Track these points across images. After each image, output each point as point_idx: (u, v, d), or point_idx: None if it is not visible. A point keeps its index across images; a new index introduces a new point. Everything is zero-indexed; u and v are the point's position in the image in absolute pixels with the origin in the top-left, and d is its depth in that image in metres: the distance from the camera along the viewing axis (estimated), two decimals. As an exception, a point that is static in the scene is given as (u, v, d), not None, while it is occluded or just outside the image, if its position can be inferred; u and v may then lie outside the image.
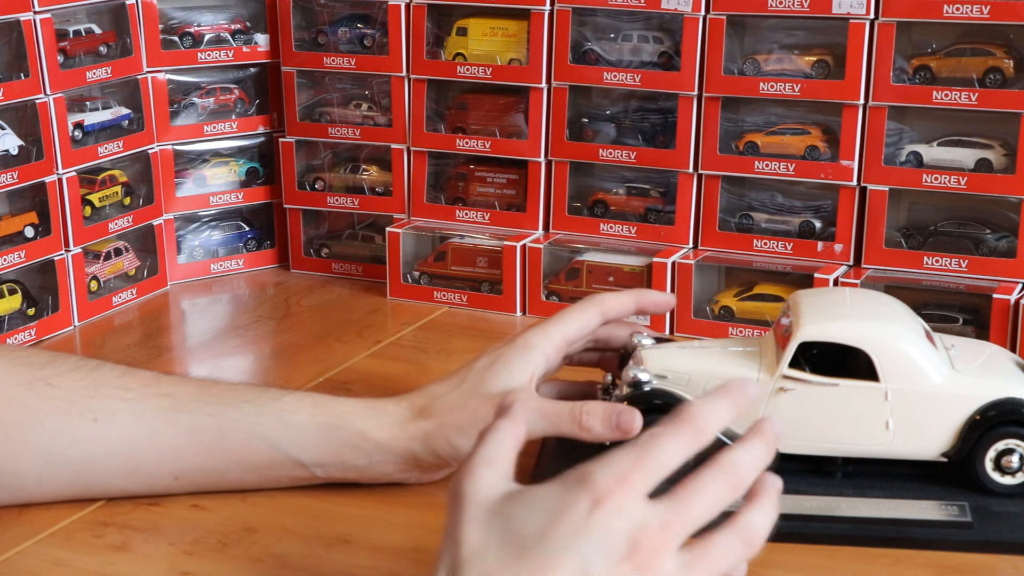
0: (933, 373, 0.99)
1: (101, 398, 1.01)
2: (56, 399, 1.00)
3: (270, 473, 1.03)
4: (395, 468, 1.03)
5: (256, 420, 1.01)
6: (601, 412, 0.97)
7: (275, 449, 1.02)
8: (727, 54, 1.43)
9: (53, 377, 1.01)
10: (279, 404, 1.03)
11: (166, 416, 1.01)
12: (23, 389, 1.00)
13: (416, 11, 1.56)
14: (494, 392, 1.01)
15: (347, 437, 1.02)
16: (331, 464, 1.02)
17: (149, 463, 1.01)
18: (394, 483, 1.04)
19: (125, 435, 1.00)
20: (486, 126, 1.57)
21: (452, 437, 1.00)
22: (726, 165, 1.45)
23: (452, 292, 1.55)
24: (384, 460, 1.02)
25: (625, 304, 1.11)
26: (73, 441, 1.00)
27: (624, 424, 0.97)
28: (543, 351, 1.04)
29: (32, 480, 1.01)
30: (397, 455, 1.02)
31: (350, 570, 0.94)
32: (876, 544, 0.96)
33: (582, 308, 1.08)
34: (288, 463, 1.02)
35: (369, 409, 1.03)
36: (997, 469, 0.99)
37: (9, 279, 1.43)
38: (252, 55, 1.66)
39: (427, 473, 1.04)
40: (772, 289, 1.43)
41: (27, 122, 1.44)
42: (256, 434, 1.01)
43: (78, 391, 1.01)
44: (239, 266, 1.68)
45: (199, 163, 1.66)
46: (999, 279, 1.35)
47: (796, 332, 1.00)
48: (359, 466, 1.02)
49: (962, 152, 1.37)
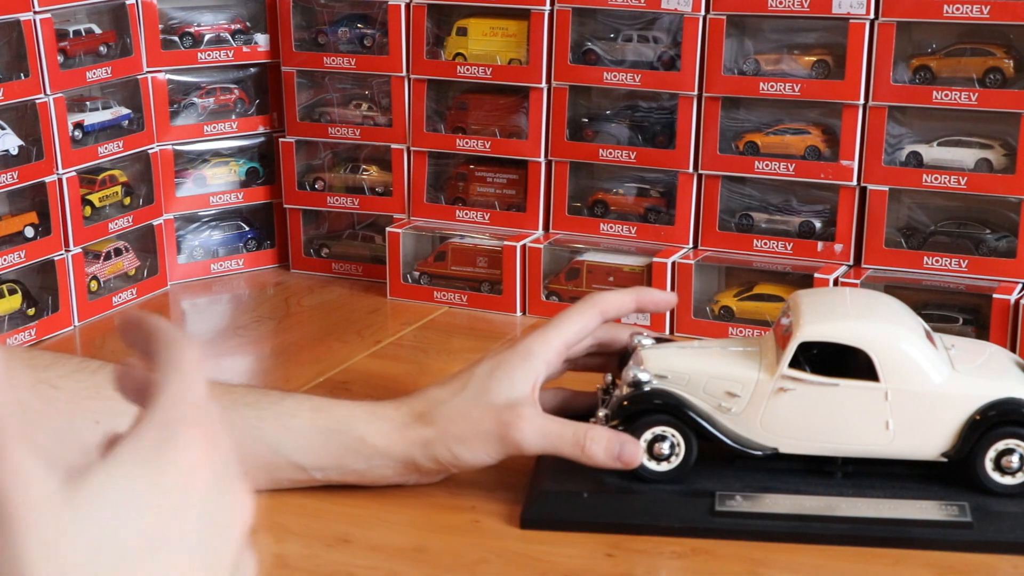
0: (933, 373, 0.99)
1: (103, 400, 1.01)
2: (60, 402, 1.00)
3: (270, 475, 1.03)
4: (394, 472, 1.02)
5: (256, 423, 1.01)
6: (605, 442, 0.98)
7: (275, 452, 1.01)
8: (727, 54, 1.43)
9: (56, 379, 1.01)
10: (279, 408, 1.03)
11: None
12: (27, 392, 1.00)
13: (416, 11, 1.56)
14: (496, 402, 1.01)
15: (346, 441, 1.02)
16: (330, 467, 1.02)
17: None
18: (393, 484, 1.04)
19: None
20: (486, 126, 1.57)
21: (453, 446, 1.00)
22: (726, 165, 1.45)
23: (452, 292, 1.55)
24: (383, 464, 1.02)
25: (624, 303, 1.11)
26: (75, 444, 1.00)
27: (626, 456, 0.98)
28: (544, 358, 1.04)
29: None
30: (396, 460, 1.02)
31: (350, 570, 0.94)
32: (876, 544, 0.96)
33: (580, 309, 1.08)
34: (288, 466, 1.02)
35: (369, 414, 1.03)
36: (997, 469, 0.99)
37: (9, 279, 1.43)
38: (252, 55, 1.66)
39: (426, 477, 1.04)
40: (772, 289, 1.43)
41: (27, 122, 1.44)
42: (256, 437, 1.01)
43: (81, 393, 1.01)
44: (239, 266, 1.68)
45: (199, 163, 1.66)
46: (999, 279, 1.35)
47: (796, 332, 1.00)
48: (358, 470, 1.02)
49: (962, 152, 1.37)
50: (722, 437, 1.00)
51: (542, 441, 0.99)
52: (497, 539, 0.98)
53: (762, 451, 1.00)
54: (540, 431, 0.98)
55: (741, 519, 0.97)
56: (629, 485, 1.00)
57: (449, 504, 1.03)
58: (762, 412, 1.00)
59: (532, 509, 0.99)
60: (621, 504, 0.99)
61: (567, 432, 0.99)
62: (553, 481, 1.02)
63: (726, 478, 1.01)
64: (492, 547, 0.97)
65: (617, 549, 0.96)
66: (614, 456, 0.98)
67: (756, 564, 0.94)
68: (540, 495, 1.00)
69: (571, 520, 0.99)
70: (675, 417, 1.00)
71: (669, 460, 1.00)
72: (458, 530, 0.99)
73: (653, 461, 1.00)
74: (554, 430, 0.99)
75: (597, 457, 0.98)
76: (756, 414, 1.00)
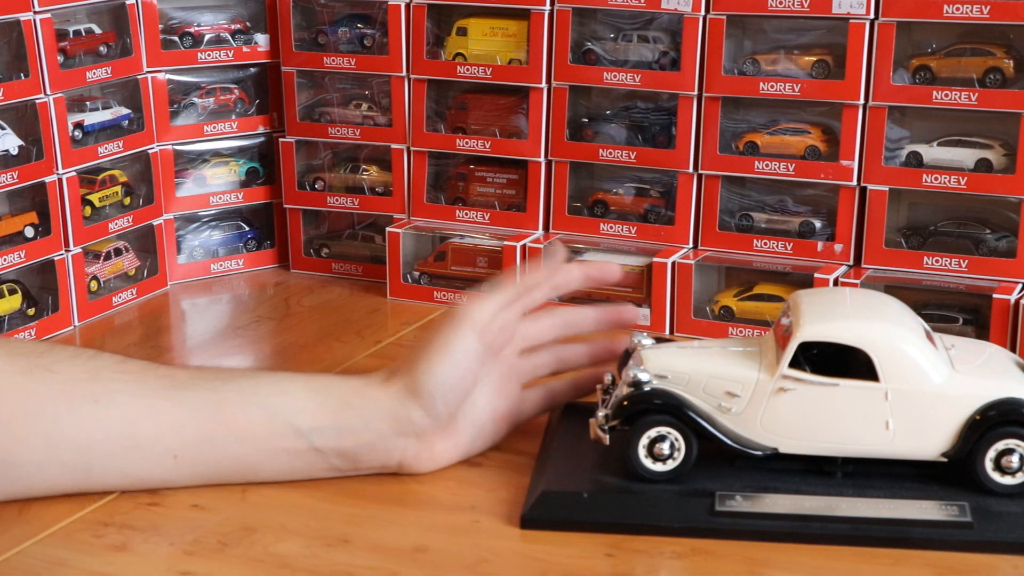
0: (933, 373, 0.99)
1: (102, 381, 1.02)
2: (57, 384, 1.01)
3: (268, 444, 1.03)
4: (389, 427, 1.04)
5: (254, 390, 1.04)
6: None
7: (273, 416, 1.03)
8: (727, 54, 1.43)
9: (53, 364, 1.02)
10: (275, 377, 1.07)
11: (166, 393, 1.03)
12: (23, 376, 1.01)
13: (416, 11, 1.56)
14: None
15: (341, 395, 1.04)
16: (328, 428, 1.03)
17: (148, 440, 1.02)
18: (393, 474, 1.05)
19: (126, 414, 1.01)
20: (486, 126, 1.57)
21: (422, 379, 1.03)
22: (726, 165, 1.45)
23: (452, 292, 1.55)
24: (378, 417, 1.03)
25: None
26: (75, 423, 1.01)
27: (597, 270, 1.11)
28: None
29: (34, 467, 1.01)
30: (387, 410, 1.04)
31: (350, 570, 0.94)
32: (876, 544, 0.96)
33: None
34: (286, 431, 1.03)
35: (357, 377, 1.07)
36: (997, 469, 0.99)
37: (9, 279, 1.43)
38: (252, 55, 1.66)
39: (422, 443, 1.05)
40: (772, 289, 1.43)
41: (27, 122, 1.45)
42: (254, 402, 1.03)
43: (78, 375, 1.02)
44: (239, 266, 1.68)
45: (199, 163, 1.66)
46: (999, 279, 1.35)
47: (796, 332, 1.00)
48: (355, 428, 1.04)
49: (962, 152, 1.37)
50: (722, 437, 1.00)
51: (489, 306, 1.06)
52: (497, 539, 0.98)
53: (762, 451, 1.00)
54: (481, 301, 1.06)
55: (741, 519, 0.97)
56: (629, 485, 1.01)
57: (449, 504, 1.03)
58: (762, 412, 1.00)
59: (532, 509, 0.99)
60: (621, 504, 0.99)
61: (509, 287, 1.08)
62: (553, 481, 1.02)
63: (726, 478, 1.01)
64: (492, 547, 0.97)
65: (617, 549, 0.96)
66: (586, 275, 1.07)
67: (756, 564, 0.94)
68: (540, 495, 1.00)
69: (571, 520, 0.99)
70: (675, 417, 1.00)
71: (669, 460, 1.00)
72: (458, 530, 0.99)
73: (653, 461, 1.00)
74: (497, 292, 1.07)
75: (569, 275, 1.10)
76: (756, 414, 1.00)
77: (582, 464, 1.03)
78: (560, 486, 1.01)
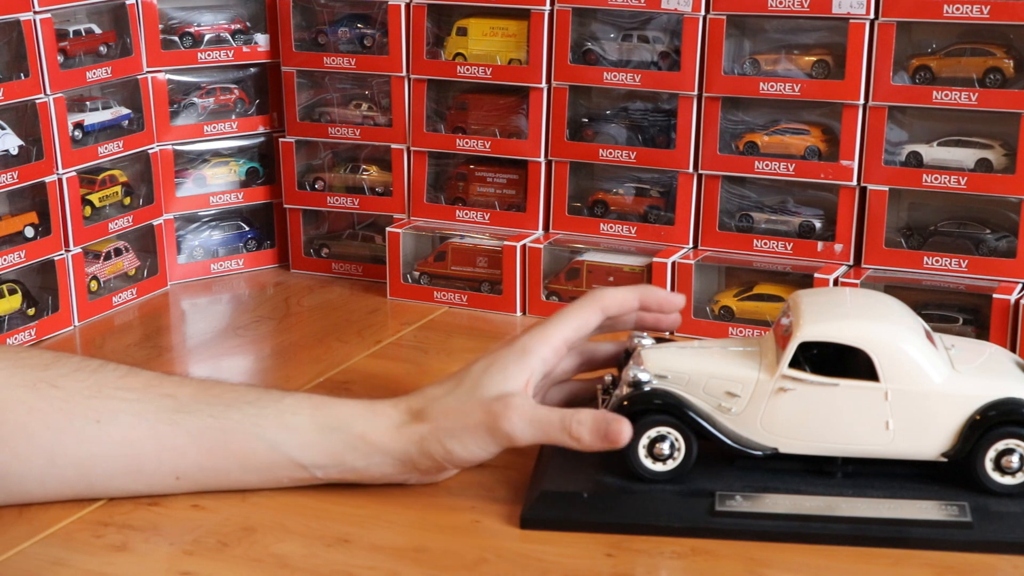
0: (933, 373, 0.99)
1: (104, 399, 1.01)
2: (60, 400, 1.00)
3: (270, 474, 1.03)
4: (393, 469, 1.02)
5: (257, 421, 1.02)
6: (591, 423, 0.98)
7: (275, 450, 1.02)
8: (727, 54, 1.43)
9: (56, 378, 1.01)
10: (280, 406, 1.03)
11: (168, 417, 1.01)
12: (27, 391, 1.00)
13: (416, 11, 1.56)
14: (489, 397, 1.00)
15: (346, 439, 1.02)
16: (330, 465, 1.02)
17: (151, 463, 1.01)
18: (394, 483, 1.04)
19: (127, 436, 1.01)
20: (486, 126, 1.57)
21: (445, 440, 1.00)
22: (726, 165, 1.45)
23: (452, 292, 1.55)
24: (382, 462, 1.02)
25: (627, 299, 1.10)
26: (76, 442, 1.00)
27: (612, 435, 0.97)
28: (540, 355, 1.03)
29: (35, 481, 1.01)
30: (395, 457, 1.02)
31: (350, 570, 0.94)
32: (876, 544, 0.96)
33: (581, 306, 1.08)
34: (288, 464, 1.02)
35: (368, 412, 1.03)
36: (997, 469, 0.99)
37: (9, 279, 1.43)
38: (252, 55, 1.66)
39: (426, 475, 1.04)
40: (772, 289, 1.43)
41: (27, 122, 1.44)
42: (257, 435, 1.01)
43: (81, 392, 1.01)
44: (239, 266, 1.68)
45: (199, 163, 1.66)
46: (999, 279, 1.35)
47: (796, 332, 1.00)
48: (358, 468, 1.02)
49: (962, 152, 1.37)
50: (722, 437, 1.00)
51: (531, 429, 0.99)
52: (497, 539, 0.98)
53: (762, 451, 1.00)
54: (528, 419, 0.98)
55: (741, 519, 0.97)
56: (629, 485, 1.01)
57: (449, 504, 1.03)
58: (762, 412, 1.00)
59: (532, 509, 0.99)
60: (621, 504, 0.99)
61: (554, 417, 0.98)
62: (553, 481, 1.02)
63: (726, 478, 1.01)
64: (492, 547, 0.97)
65: (617, 549, 0.96)
66: (601, 436, 0.97)
67: (756, 564, 0.94)
68: (540, 495, 1.00)
69: (571, 520, 0.99)
70: (675, 417, 1.00)
71: (669, 460, 1.00)
72: (458, 530, 0.99)
73: (653, 461, 1.00)
74: (542, 416, 0.99)
75: (584, 439, 0.98)
76: (756, 414, 1.00)
77: (582, 464, 1.03)
78: (560, 486, 1.01)
